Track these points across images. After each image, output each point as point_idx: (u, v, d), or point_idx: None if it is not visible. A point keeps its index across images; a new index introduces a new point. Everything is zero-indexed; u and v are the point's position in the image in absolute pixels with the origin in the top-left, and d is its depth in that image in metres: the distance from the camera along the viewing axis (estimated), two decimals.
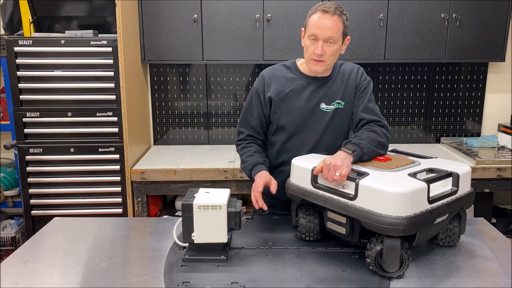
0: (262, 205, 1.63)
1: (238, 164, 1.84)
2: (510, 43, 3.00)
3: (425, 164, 1.52)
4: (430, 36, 2.81)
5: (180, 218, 1.50)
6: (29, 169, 2.63)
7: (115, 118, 2.60)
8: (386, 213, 1.27)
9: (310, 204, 1.54)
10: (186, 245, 1.49)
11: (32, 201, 2.65)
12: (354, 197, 1.34)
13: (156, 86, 3.13)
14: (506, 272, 1.38)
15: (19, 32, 2.89)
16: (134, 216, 2.64)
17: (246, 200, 1.69)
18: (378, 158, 1.58)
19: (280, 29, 2.77)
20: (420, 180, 1.33)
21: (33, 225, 2.68)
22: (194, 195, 1.47)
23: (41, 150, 2.62)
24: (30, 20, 2.77)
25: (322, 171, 1.44)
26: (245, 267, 1.40)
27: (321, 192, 1.45)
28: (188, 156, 2.90)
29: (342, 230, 1.43)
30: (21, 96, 2.56)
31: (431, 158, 1.61)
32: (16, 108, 2.57)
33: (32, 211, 2.66)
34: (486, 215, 2.65)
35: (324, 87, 1.77)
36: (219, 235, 1.44)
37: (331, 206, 1.41)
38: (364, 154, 1.53)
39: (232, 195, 1.53)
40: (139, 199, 2.64)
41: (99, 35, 2.71)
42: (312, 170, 1.47)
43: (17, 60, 2.53)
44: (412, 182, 1.32)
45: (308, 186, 1.50)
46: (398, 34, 2.80)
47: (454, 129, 3.24)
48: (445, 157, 2.48)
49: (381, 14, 2.76)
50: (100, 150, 2.63)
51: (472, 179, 1.54)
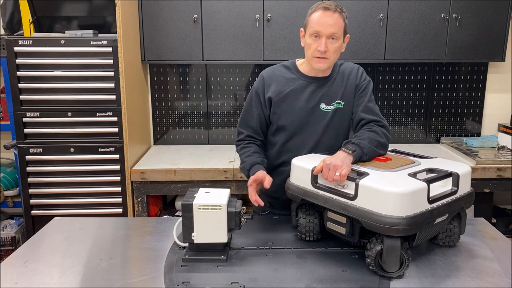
0: (255, 200, 1.63)
1: (238, 164, 1.84)
2: (510, 43, 3.00)
3: (425, 164, 1.52)
4: (430, 36, 2.81)
5: (180, 218, 1.50)
6: (29, 169, 2.63)
7: (115, 118, 2.60)
8: (386, 213, 1.27)
9: (310, 204, 1.54)
10: (186, 245, 1.49)
11: (32, 201, 2.65)
12: (354, 197, 1.34)
13: (156, 86, 3.13)
14: (506, 272, 1.38)
15: (19, 32, 2.89)
16: (134, 216, 2.64)
17: (246, 200, 1.69)
18: (378, 158, 1.58)
19: (280, 29, 2.77)
20: (420, 180, 1.33)
21: (33, 225, 2.68)
22: (194, 195, 1.47)
23: (41, 150, 2.62)
24: (30, 20, 2.77)
25: (322, 171, 1.44)
26: (245, 267, 1.40)
27: (321, 192, 1.45)
28: (188, 156, 2.90)
29: (342, 230, 1.43)
30: (21, 96, 2.56)
31: (431, 158, 1.61)
32: (16, 108, 2.57)
33: (32, 211, 2.66)
34: (486, 215, 2.65)
35: (324, 87, 1.77)
36: (219, 235, 1.44)
37: (331, 206, 1.41)
38: (364, 154, 1.53)
39: (232, 195, 1.53)
40: (139, 199, 2.64)
41: (99, 35, 2.71)
42: (312, 170, 1.47)
43: (17, 60, 2.53)
44: (412, 182, 1.32)
45: (308, 186, 1.50)
46: (398, 34, 2.80)
47: (454, 129, 3.24)
48: (445, 157, 2.48)
49: (381, 14, 2.76)
50: (100, 150, 2.63)
51: (472, 179, 1.54)
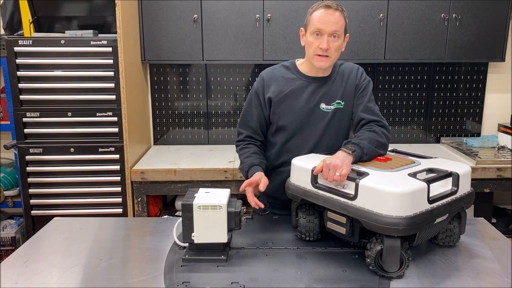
0: (255, 204, 1.64)
1: (238, 164, 1.84)
2: (510, 43, 3.00)
3: (425, 164, 1.52)
4: (430, 36, 2.81)
5: (180, 218, 1.50)
6: (29, 169, 2.63)
7: (115, 118, 2.60)
8: (386, 213, 1.27)
9: (310, 204, 1.54)
10: (186, 245, 1.49)
11: (32, 201, 2.65)
12: (354, 197, 1.34)
13: (156, 86, 3.13)
14: (506, 272, 1.38)
15: (19, 32, 2.89)
16: (134, 216, 2.64)
17: (246, 200, 1.69)
18: (378, 158, 1.58)
19: (280, 29, 2.77)
20: (420, 180, 1.33)
21: (33, 225, 2.68)
22: (194, 195, 1.47)
23: (41, 150, 2.62)
24: (30, 20, 2.77)
25: (322, 171, 1.44)
26: (245, 267, 1.40)
27: (321, 192, 1.45)
28: (188, 156, 2.90)
29: (342, 230, 1.43)
30: (21, 96, 2.56)
31: (431, 158, 1.61)
32: (16, 108, 2.57)
33: (32, 211, 2.66)
34: (486, 215, 2.65)
35: (323, 87, 1.77)
36: (219, 235, 1.44)
37: (331, 206, 1.41)
38: (364, 154, 1.53)
39: (232, 195, 1.53)
40: (139, 199, 2.64)
41: (99, 35, 2.71)
42: (312, 170, 1.47)
43: (17, 60, 2.53)
44: (412, 182, 1.32)
45: (308, 186, 1.50)
46: (398, 34, 2.80)
47: (454, 129, 3.24)
48: (445, 157, 2.48)
49: (381, 14, 2.76)
50: (100, 150, 2.63)
51: (472, 179, 1.54)
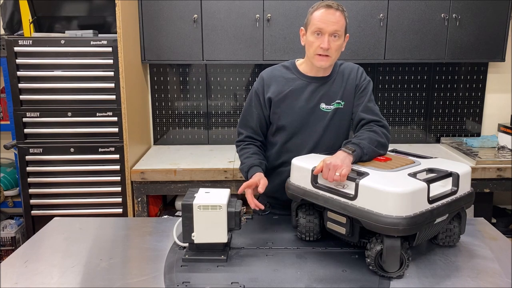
0: (255, 206, 1.64)
1: (238, 164, 1.84)
2: (510, 43, 3.00)
3: (425, 164, 1.52)
4: (430, 36, 2.81)
5: (180, 218, 1.50)
6: (29, 169, 2.63)
7: (115, 118, 2.60)
8: (386, 213, 1.27)
9: (310, 204, 1.54)
10: (186, 245, 1.49)
11: (32, 201, 2.65)
12: (354, 197, 1.34)
13: (156, 86, 3.13)
14: (506, 272, 1.38)
15: (19, 32, 2.89)
16: (134, 216, 2.64)
17: (246, 200, 1.69)
18: (378, 158, 1.58)
19: (280, 29, 2.77)
20: (420, 180, 1.33)
21: (33, 225, 2.68)
22: (194, 195, 1.47)
23: (41, 150, 2.62)
24: (30, 20, 2.77)
25: (322, 171, 1.44)
26: (245, 267, 1.40)
27: (321, 192, 1.45)
28: (188, 156, 2.90)
29: (342, 230, 1.43)
30: (21, 96, 2.56)
31: (431, 158, 1.61)
32: (16, 108, 2.57)
33: (32, 211, 2.66)
34: (486, 215, 2.65)
35: (323, 87, 1.77)
36: (219, 235, 1.44)
37: (331, 206, 1.41)
38: (364, 154, 1.53)
39: (232, 195, 1.53)
40: (139, 199, 2.64)
41: (99, 35, 2.71)
42: (312, 170, 1.47)
43: (17, 60, 2.53)
44: (412, 182, 1.32)
45: (308, 186, 1.50)
46: (398, 34, 2.80)
47: (454, 129, 3.24)
48: (445, 157, 2.48)
49: (381, 14, 2.76)
50: (100, 150, 2.63)
51: (472, 179, 1.53)
